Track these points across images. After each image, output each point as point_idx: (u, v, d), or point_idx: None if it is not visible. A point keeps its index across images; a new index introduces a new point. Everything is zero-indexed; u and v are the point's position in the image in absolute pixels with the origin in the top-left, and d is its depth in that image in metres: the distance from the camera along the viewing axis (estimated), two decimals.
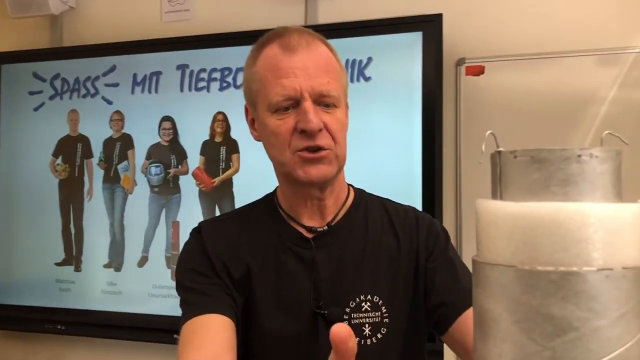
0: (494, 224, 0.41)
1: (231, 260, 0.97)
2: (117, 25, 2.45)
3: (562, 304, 0.38)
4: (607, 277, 0.38)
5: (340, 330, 0.47)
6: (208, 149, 2.22)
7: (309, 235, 0.98)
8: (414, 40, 1.99)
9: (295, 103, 0.89)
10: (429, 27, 1.97)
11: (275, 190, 1.06)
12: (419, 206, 1.92)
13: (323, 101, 0.90)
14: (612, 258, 0.38)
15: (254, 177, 2.10)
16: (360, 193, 1.07)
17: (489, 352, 0.41)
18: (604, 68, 1.87)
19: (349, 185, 1.07)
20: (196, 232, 1.02)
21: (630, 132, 1.80)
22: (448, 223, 1.98)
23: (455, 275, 0.97)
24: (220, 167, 2.20)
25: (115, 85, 2.34)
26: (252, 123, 1.00)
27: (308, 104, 0.88)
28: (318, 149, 0.90)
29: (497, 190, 0.42)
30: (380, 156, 1.99)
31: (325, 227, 0.99)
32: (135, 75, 2.32)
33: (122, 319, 2.27)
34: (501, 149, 0.42)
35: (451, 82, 2.02)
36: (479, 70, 1.97)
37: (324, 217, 1.00)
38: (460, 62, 2.00)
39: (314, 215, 0.99)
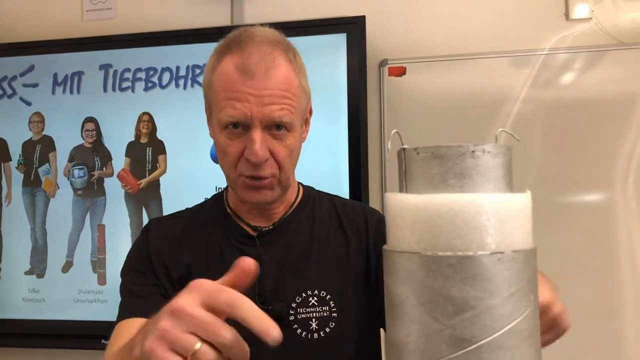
0: (400, 215, 0.45)
1: (171, 259, 0.97)
2: (35, 23, 2.36)
3: (461, 286, 0.42)
4: (499, 260, 0.42)
5: (248, 262, 0.54)
6: (133, 150, 2.18)
7: (255, 234, 0.99)
8: (339, 42, 2.03)
9: (245, 125, 0.88)
10: (353, 28, 2.02)
11: (226, 188, 1.05)
12: None
13: (274, 126, 0.88)
14: (503, 242, 0.43)
15: (182, 178, 2.08)
16: (308, 191, 1.09)
17: (398, 332, 0.45)
18: (516, 69, 1.98)
19: (299, 183, 1.08)
20: (144, 230, 1.03)
21: (540, 128, 1.92)
22: None
23: None
24: (147, 168, 2.17)
25: (35, 85, 2.26)
26: (209, 119, 0.98)
27: (256, 133, 0.86)
28: (261, 177, 0.90)
29: (403, 184, 0.46)
30: (308, 155, 2.01)
31: (271, 226, 1.00)
32: (55, 75, 2.24)
33: (46, 326, 2.19)
34: (405, 146, 0.45)
35: (375, 82, 2.09)
36: (401, 71, 2.04)
37: (271, 219, 1.01)
38: (383, 63, 2.06)
39: (261, 218, 1.01)
